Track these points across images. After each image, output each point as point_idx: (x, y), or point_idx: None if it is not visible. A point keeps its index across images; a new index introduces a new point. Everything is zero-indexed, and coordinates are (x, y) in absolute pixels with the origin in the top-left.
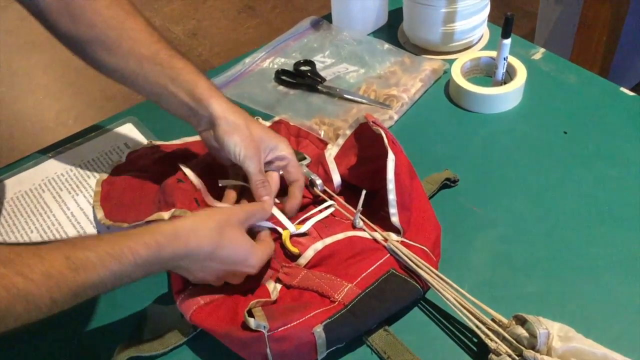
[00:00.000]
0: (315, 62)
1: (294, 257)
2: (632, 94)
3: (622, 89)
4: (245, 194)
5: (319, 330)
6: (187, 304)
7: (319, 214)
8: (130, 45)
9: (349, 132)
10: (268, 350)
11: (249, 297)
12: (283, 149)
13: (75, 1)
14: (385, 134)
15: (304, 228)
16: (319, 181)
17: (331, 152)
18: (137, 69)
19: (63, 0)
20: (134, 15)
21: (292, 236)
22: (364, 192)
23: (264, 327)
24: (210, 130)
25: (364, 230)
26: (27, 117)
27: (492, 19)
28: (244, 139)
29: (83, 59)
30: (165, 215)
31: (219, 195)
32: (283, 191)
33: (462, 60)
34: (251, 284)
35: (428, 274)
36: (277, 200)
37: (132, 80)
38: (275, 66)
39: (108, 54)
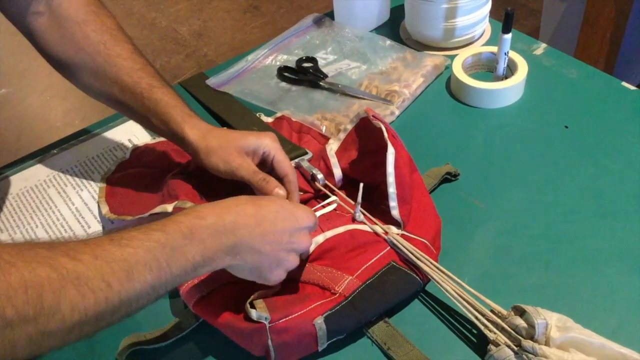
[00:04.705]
0: (318, 59)
1: None
2: (633, 88)
3: (623, 83)
4: None
5: (319, 321)
6: (190, 293)
7: (321, 209)
8: (115, 72)
9: (350, 127)
10: (269, 342)
11: (250, 288)
12: (267, 144)
13: (66, 24)
14: (385, 128)
15: None
16: (320, 175)
17: (332, 146)
18: (120, 97)
19: (54, 23)
20: (122, 42)
21: None
22: (361, 185)
23: (266, 318)
24: (196, 154)
25: (365, 224)
26: (34, 118)
27: (495, 15)
28: (223, 157)
29: (72, 81)
30: (169, 207)
31: (219, 189)
32: None
33: (463, 56)
34: None
35: (428, 266)
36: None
37: (118, 107)
38: (278, 63)
39: (95, 79)
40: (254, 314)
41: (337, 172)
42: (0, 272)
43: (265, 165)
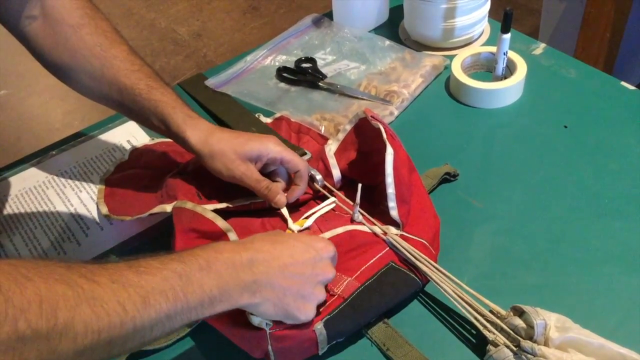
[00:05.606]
0: (317, 59)
1: None
2: (632, 87)
3: (622, 83)
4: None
5: (319, 327)
6: None
7: (320, 210)
8: (112, 74)
9: (348, 127)
10: (270, 347)
11: None
12: (271, 149)
13: (60, 28)
14: (384, 128)
15: (306, 224)
16: (318, 176)
17: (331, 147)
18: (119, 99)
19: (49, 27)
20: (117, 43)
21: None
22: (360, 185)
23: (267, 324)
24: (198, 157)
25: (364, 224)
26: (34, 119)
27: (494, 15)
28: (227, 163)
29: (69, 85)
30: (168, 207)
31: (218, 190)
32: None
33: (462, 56)
34: None
35: (427, 267)
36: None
37: (117, 108)
38: (277, 63)
39: (92, 82)
40: (255, 320)
41: (336, 173)
42: (16, 285)
43: (269, 167)
